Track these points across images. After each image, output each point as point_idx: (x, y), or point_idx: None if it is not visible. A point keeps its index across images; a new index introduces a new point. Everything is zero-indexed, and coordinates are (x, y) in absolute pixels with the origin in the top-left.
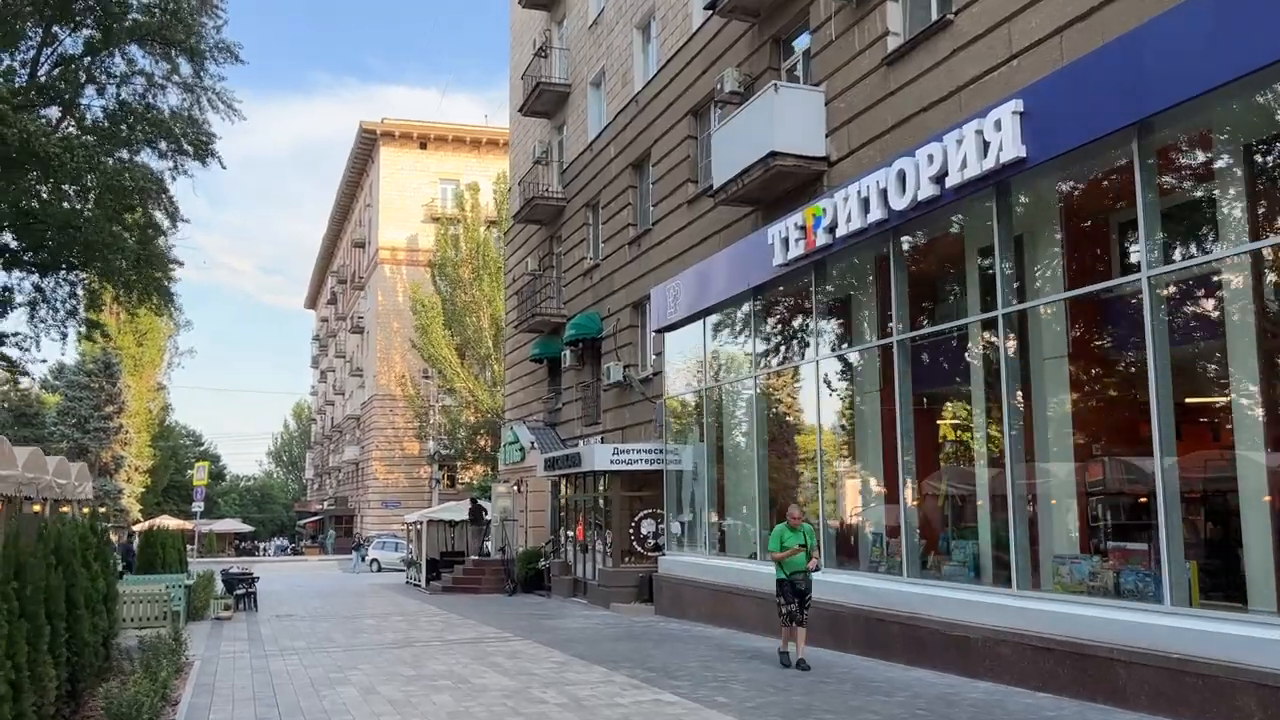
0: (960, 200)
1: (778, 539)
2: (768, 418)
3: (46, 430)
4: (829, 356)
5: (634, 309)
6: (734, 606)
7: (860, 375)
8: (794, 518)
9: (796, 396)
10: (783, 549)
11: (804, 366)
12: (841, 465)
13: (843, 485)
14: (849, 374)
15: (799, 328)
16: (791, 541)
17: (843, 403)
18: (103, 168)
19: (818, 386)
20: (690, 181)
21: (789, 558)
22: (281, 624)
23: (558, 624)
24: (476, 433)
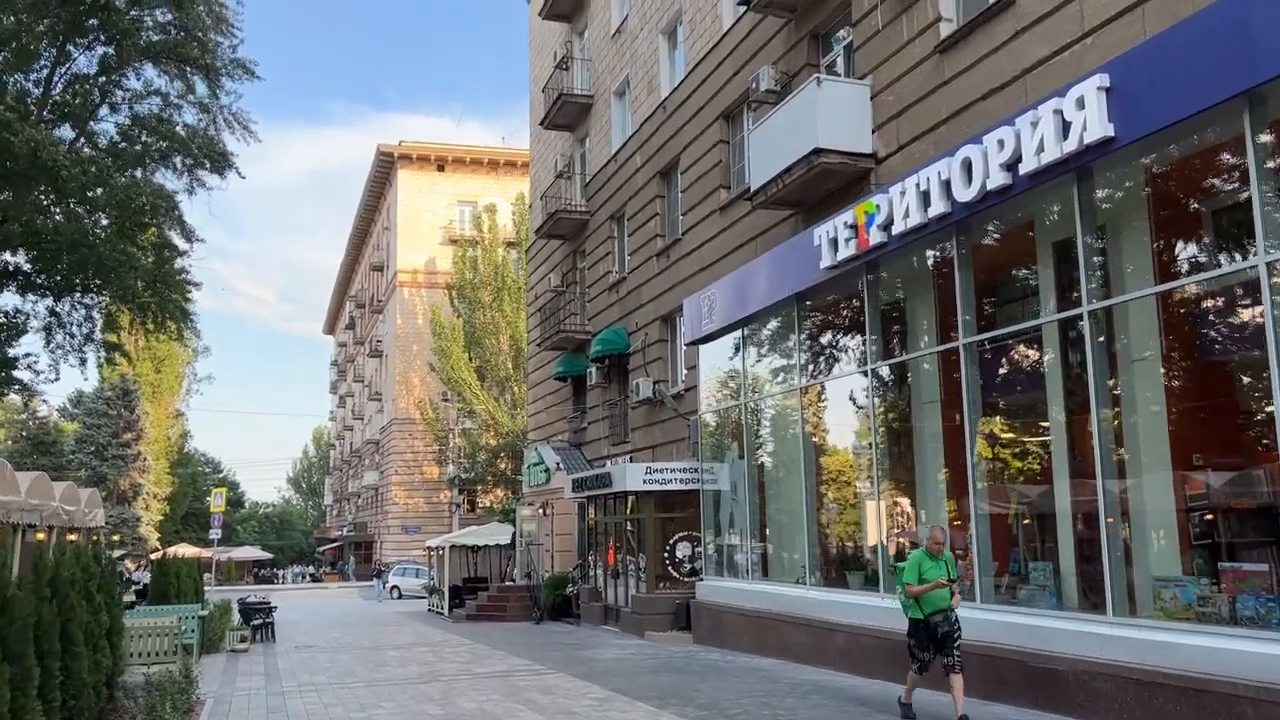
0: (1035, 189)
1: (914, 569)
2: (814, 431)
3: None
4: (883, 364)
5: (663, 322)
6: (781, 635)
7: (917, 384)
8: (936, 542)
9: (846, 408)
10: (922, 581)
11: (855, 376)
12: (897, 481)
13: (898, 503)
14: (905, 383)
15: (849, 334)
16: (933, 573)
17: (898, 414)
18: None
19: (871, 397)
20: (723, 188)
21: (930, 593)
22: (300, 656)
23: (591, 655)
24: (497, 456)
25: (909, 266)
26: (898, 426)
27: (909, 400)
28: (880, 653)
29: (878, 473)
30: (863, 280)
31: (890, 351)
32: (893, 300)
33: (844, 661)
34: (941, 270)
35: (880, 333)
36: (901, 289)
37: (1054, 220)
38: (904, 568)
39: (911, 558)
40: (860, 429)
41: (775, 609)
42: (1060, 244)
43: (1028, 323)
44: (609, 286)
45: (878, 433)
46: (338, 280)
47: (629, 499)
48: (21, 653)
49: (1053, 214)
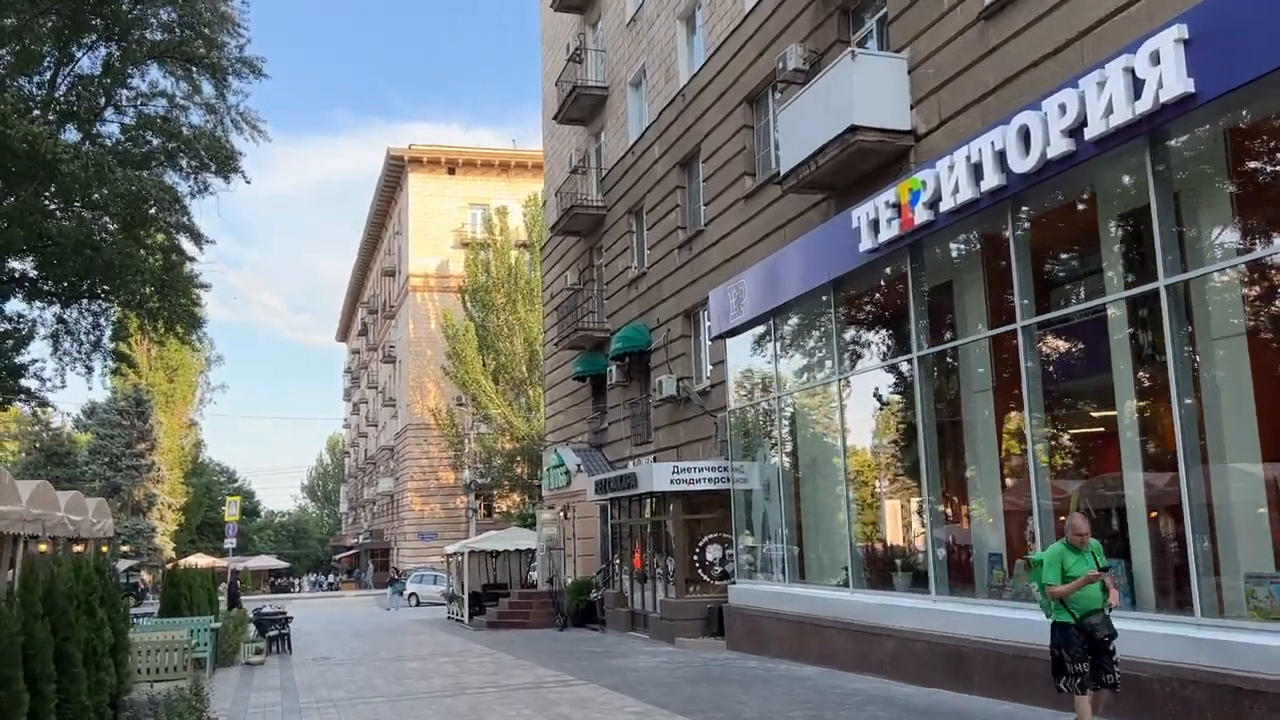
0: (1101, 155)
1: (1055, 564)
2: (854, 424)
3: (78, 469)
4: (929, 351)
5: (686, 318)
6: (824, 641)
7: (967, 372)
8: (1078, 533)
9: (889, 399)
10: (1064, 579)
11: (898, 365)
12: (946, 475)
13: (949, 499)
14: (953, 372)
15: (891, 321)
16: (1078, 568)
17: (946, 404)
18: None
19: (918, 386)
20: (747, 175)
21: (1077, 591)
22: (318, 669)
23: (622, 663)
24: (513, 460)
25: (958, 246)
26: (946, 417)
27: (958, 389)
28: (935, 660)
29: (926, 466)
30: (906, 263)
31: (937, 338)
32: (939, 283)
33: (895, 669)
34: (995, 249)
35: (926, 319)
36: (949, 271)
37: (1121, 190)
38: (1039, 565)
39: (1049, 553)
40: (904, 421)
41: (816, 613)
42: (1127, 215)
43: (1095, 301)
44: (628, 282)
45: (925, 424)
46: (350, 287)
47: (655, 500)
48: (9, 677)
49: (1120, 183)
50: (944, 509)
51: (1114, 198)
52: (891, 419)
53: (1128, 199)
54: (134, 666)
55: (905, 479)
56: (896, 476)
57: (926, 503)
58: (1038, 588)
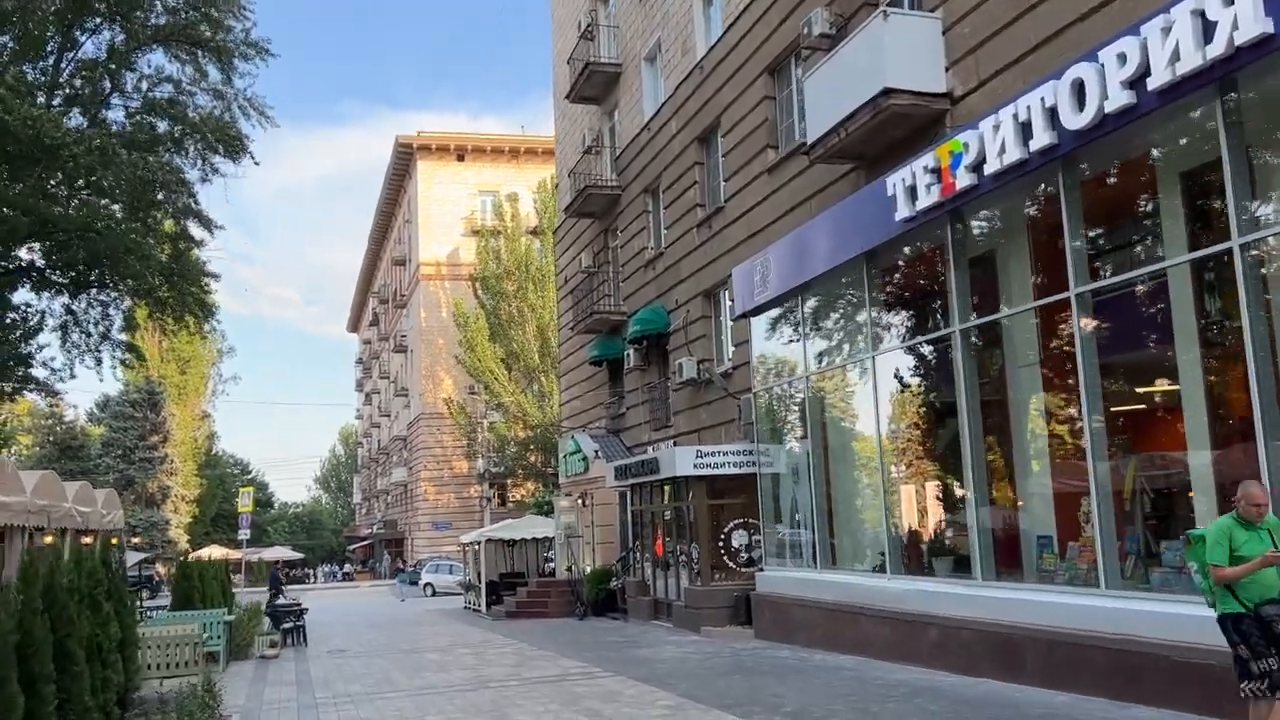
0: (1166, 107)
1: (1222, 542)
2: (890, 403)
3: (91, 462)
4: (971, 324)
5: (706, 298)
6: (860, 629)
7: (1011, 346)
8: (1255, 503)
9: (927, 376)
10: (1233, 559)
11: (937, 340)
12: (990, 454)
13: (993, 480)
14: (996, 345)
15: (928, 294)
16: (1250, 547)
17: (989, 380)
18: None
19: (960, 361)
20: (770, 147)
21: (1251, 574)
22: (334, 662)
23: (648, 654)
24: (526, 448)
25: (1002, 212)
26: (989, 395)
27: (1001, 365)
28: (982, 648)
29: (970, 445)
30: (946, 231)
31: (979, 311)
32: (980, 253)
33: (938, 658)
34: (1042, 214)
35: (967, 290)
36: (991, 240)
37: (1186, 144)
38: (1199, 542)
39: (1214, 528)
40: (943, 398)
41: (850, 600)
42: (1193, 172)
43: (1157, 265)
44: (645, 264)
45: (967, 401)
46: (360, 276)
47: (677, 485)
48: (2, 678)
49: (1185, 137)
50: (988, 490)
51: (1177, 153)
52: (929, 397)
53: (1193, 154)
54: (144, 662)
55: (945, 459)
56: (935, 457)
57: (970, 484)
58: (1198, 569)
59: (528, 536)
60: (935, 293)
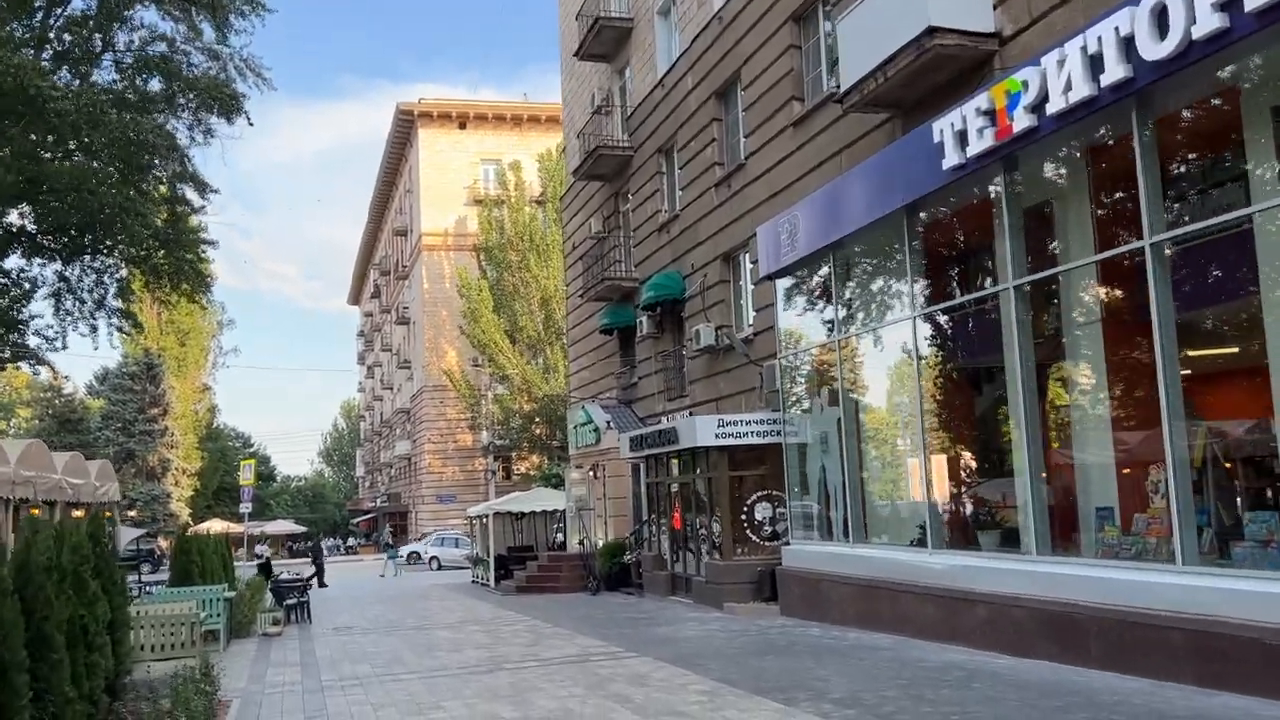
0: (1263, 31)
1: None
2: (931, 367)
3: (91, 435)
4: (1026, 280)
5: (724, 261)
6: (898, 607)
7: (1070, 303)
8: None
9: (973, 337)
10: None
11: (986, 298)
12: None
13: (1046, 446)
14: (1052, 303)
15: (977, 249)
16: None
17: (1045, 341)
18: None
19: (1013, 320)
20: (795, 100)
21: None
22: (339, 640)
23: (669, 632)
24: (531, 421)
25: (1063, 157)
26: (1044, 355)
27: (1058, 323)
28: (1038, 628)
29: (1024, 410)
30: (1000, 180)
31: (1034, 266)
32: (1036, 203)
33: (987, 639)
34: (1112, 156)
35: (1021, 244)
36: (1048, 188)
37: (1274, 77)
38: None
39: None
40: (992, 361)
41: (887, 576)
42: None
43: (1245, 210)
44: (658, 227)
45: (1021, 362)
46: (361, 249)
47: (699, 456)
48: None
49: (1273, 70)
50: (1043, 459)
51: (1271, 86)
52: (975, 359)
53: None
54: (138, 643)
55: (992, 426)
56: (981, 424)
57: (1024, 452)
58: None
59: (536, 509)
60: (983, 248)
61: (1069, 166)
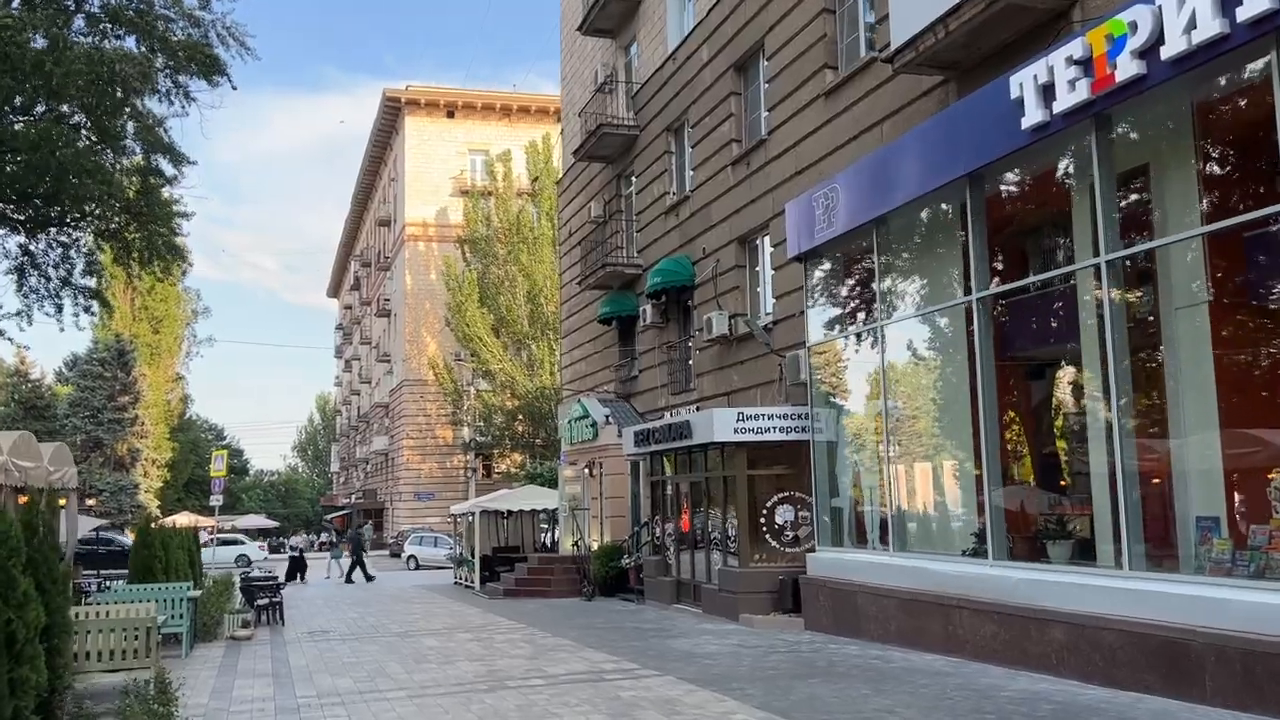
0: None
1: None
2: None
3: (58, 422)
4: (1119, 256)
5: (740, 245)
6: (951, 624)
7: (1169, 282)
8: None
9: (1044, 320)
10: None
11: (1068, 276)
12: (1139, 412)
13: (1129, 445)
14: (1148, 282)
15: (1054, 221)
16: None
17: (1137, 325)
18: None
19: (1105, 301)
20: (828, 67)
21: None
22: (316, 647)
23: (686, 646)
24: (514, 418)
25: (1170, 111)
26: (1138, 339)
27: (1152, 305)
28: (1133, 655)
29: (1115, 404)
30: (1091, 140)
31: (1128, 238)
32: (1133, 166)
33: (1067, 664)
34: (1237, 109)
35: (1114, 213)
36: (1144, 150)
37: None
38: None
39: None
40: (1065, 348)
41: (938, 590)
42: None
43: None
44: (665, 210)
45: (1114, 348)
46: (342, 239)
47: (711, 453)
48: None
49: None
50: (1135, 460)
51: None
52: (1048, 346)
53: None
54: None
55: (1066, 422)
56: (1052, 420)
57: (1117, 451)
58: None
59: (526, 508)
60: (1060, 220)
61: (1176, 122)
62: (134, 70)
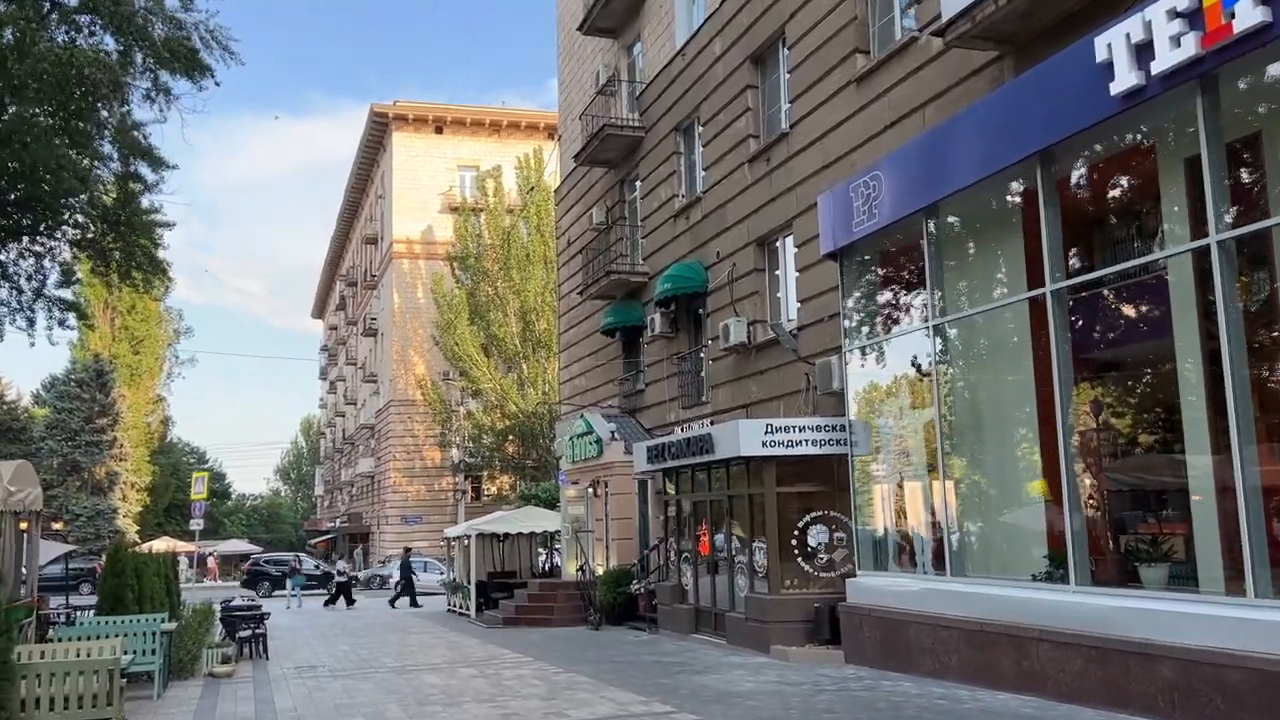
0: None
1: None
2: (1071, 351)
3: (34, 445)
4: (1233, 235)
5: (759, 247)
6: (1029, 659)
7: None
8: None
9: (1138, 311)
10: None
11: (1172, 262)
12: (1262, 421)
13: (1249, 454)
14: (1266, 265)
15: (1148, 200)
16: None
17: (1258, 314)
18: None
19: (1219, 285)
20: (859, 53)
21: None
22: (304, 685)
23: (718, 683)
24: (504, 438)
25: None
26: (1260, 334)
27: (1269, 290)
28: (1267, 696)
29: (1233, 405)
30: (1198, 104)
31: (1243, 216)
32: (1244, 134)
33: (1181, 708)
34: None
35: (1224, 187)
36: (1265, 113)
37: None
38: None
39: None
40: (1159, 343)
41: (1009, 619)
42: None
43: None
44: (674, 214)
45: (1230, 339)
46: (327, 259)
47: (733, 469)
48: None
49: None
50: (1259, 470)
51: None
52: (1139, 343)
53: None
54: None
55: (1165, 428)
56: (1148, 425)
57: (1237, 461)
58: None
59: (525, 530)
60: (1152, 198)
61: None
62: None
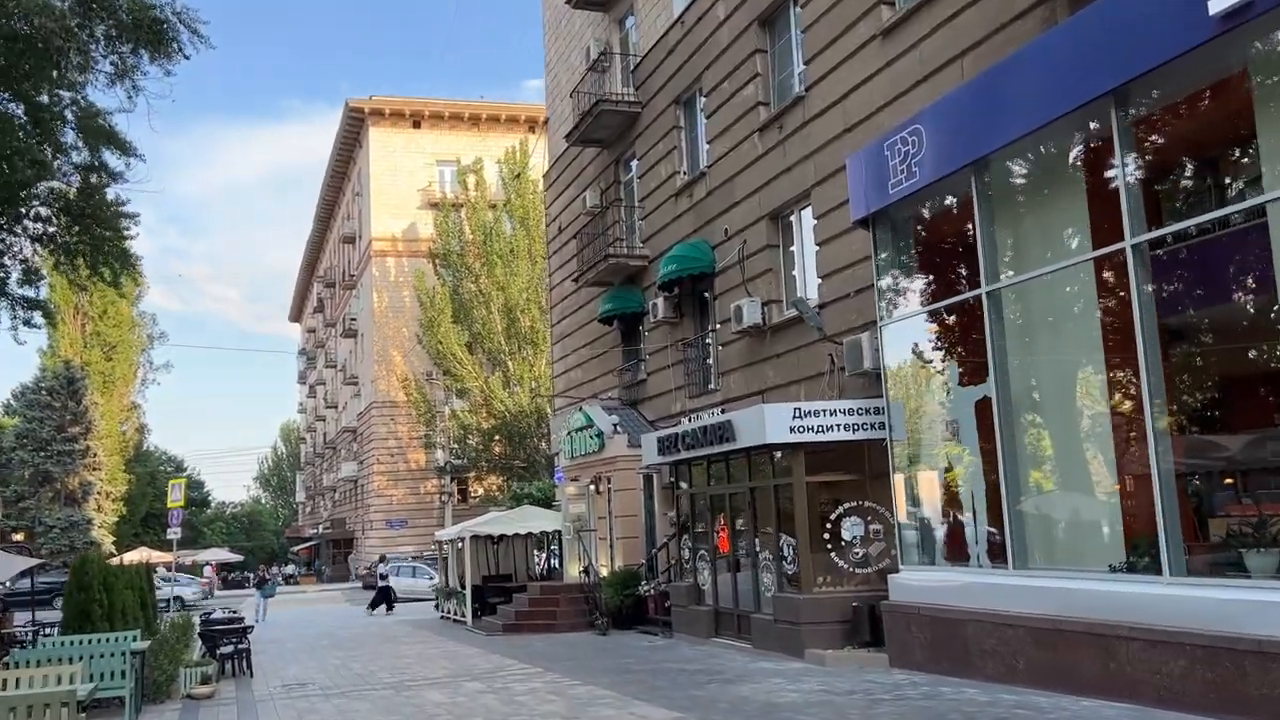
0: None
1: None
2: (1156, 315)
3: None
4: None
5: (772, 221)
6: (1117, 661)
7: None
8: None
9: (1238, 261)
10: None
11: (1268, 204)
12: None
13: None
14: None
15: (1240, 139)
16: None
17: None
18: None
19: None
20: (883, 4)
21: None
22: (293, 707)
23: (759, 695)
24: (490, 439)
25: None
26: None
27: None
28: None
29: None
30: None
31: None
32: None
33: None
34: None
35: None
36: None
37: None
38: None
39: None
40: (1260, 303)
41: (1092, 615)
42: None
43: None
44: (675, 192)
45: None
46: (304, 260)
47: (757, 458)
48: None
49: None
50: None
51: None
52: (1231, 303)
53: None
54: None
55: (1269, 394)
56: (1251, 393)
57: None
58: None
59: (521, 531)
60: (1245, 139)
61: None
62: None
